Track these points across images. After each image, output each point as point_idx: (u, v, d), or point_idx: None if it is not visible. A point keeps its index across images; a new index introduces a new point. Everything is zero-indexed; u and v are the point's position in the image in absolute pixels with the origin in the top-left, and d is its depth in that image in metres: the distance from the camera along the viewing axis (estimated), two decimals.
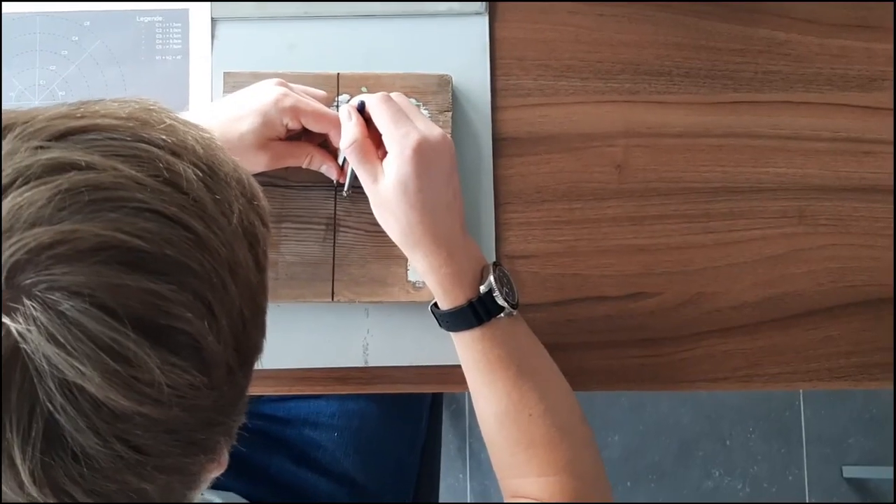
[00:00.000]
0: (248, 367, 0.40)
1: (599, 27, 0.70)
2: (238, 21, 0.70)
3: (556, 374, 0.61)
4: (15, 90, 0.69)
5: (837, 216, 0.69)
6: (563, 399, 0.60)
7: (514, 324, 0.59)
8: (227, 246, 0.37)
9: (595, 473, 0.60)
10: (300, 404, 0.79)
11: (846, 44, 0.71)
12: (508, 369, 0.58)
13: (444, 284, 0.59)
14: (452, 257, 0.58)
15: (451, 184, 0.59)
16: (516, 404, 0.58)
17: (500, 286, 0.58)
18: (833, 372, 0.68)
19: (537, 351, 0.61)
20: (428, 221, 0.58)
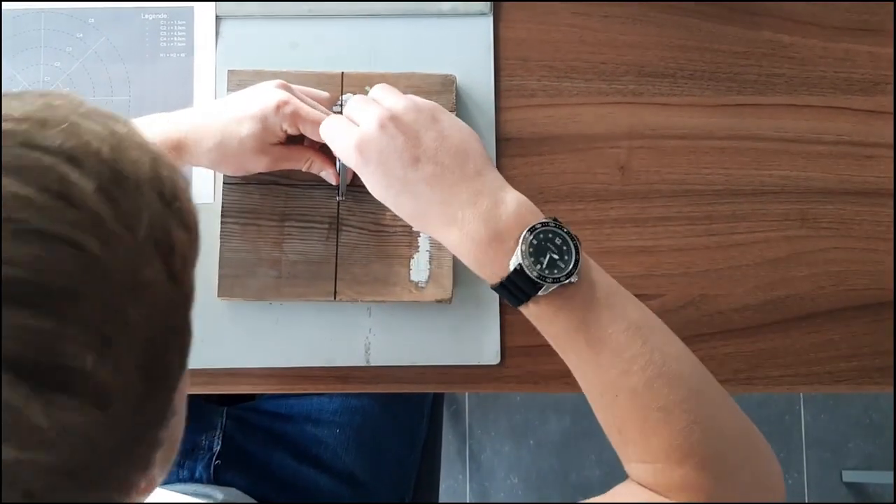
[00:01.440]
0: (163, 390, 0.36)
1: (604, 29, 0.71)
2: (242, 19, 0.70)
3: (650, 339, 0.51)
4: (19, 86, 0.69)
5: (839, 219, 0.69)
6: (663, 370, 0.50)
7: (576, 291, 0.51)
8: (131, 264, 0.33)
9: (732, 459, 0.50)
10: (302, 401, 0.79)
11: (850, 47, 0.71)
12: (577, 344, 0.51)
13: (474, 263, 0.53)
14: (464, 232, 0.52)
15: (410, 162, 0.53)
16: (601, 385, 0.51)
17: (531, 258, 0.50)
18: (834, 375, 0.68)
19: (618, 314, 0.51)
20: (410, 208, 0.54)
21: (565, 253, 0.50)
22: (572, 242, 0.51)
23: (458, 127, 0.55)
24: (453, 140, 0.54)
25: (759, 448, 0.52)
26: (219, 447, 0.76)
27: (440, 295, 0.65)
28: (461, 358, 0.67)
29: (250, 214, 0.66)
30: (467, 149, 0.54)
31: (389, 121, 0.54)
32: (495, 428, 1.45)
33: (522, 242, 0.50)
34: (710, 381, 0.52)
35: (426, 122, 0.54)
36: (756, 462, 0.51)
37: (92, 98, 0.69)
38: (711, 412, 0.51)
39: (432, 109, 0.55)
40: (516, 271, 0.50)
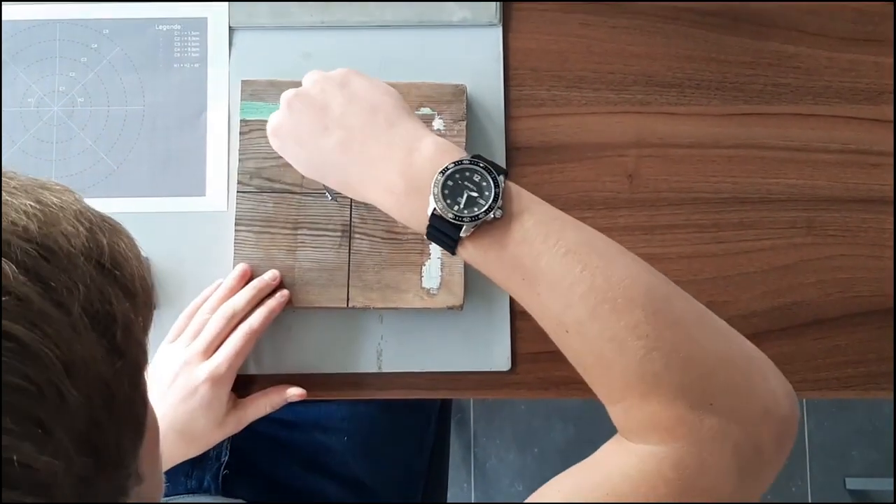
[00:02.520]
0: (116, 465, 0.35)
1: (611, 39, 0.71)
2: (255, 30, 0.71)
3: (590, 263, 0.47)
4: (35, 96, 0.70)
5: (846, 227, 0.70)
6: (608, 294, 0.46)
7: (503, 226, 0.48)
8: (64, 344, 0.31)
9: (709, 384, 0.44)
10: (309, 408, 0.80)
11: (855, 57, 0.72)
12: (514, 281, 0.49)
13: (400, 217, 0.52)
14: (384, 187, 0.51)
15: (321, 132, 0.54)
16: (549, 321, 0.49)
17: (447, 200, 0.48)
18: (841, 381, 0.69)
19: (552, 243, 0.47)
20: (334, 178, 0.55)
21: (485, 189, 0.48)
22: (490, 177, 0.49)
23: (367, 86, 0.55)
24: (360, 99, 0.54)
25: (747, 365, 0.46)
26: (227, 457, 0.76)
27: (451, 302, 0.66)
28: (472, 364, 0.67)
29: (263, 223, 0.66)
30: (376, 104, 0.54)
31: (295, 98, 0.56)
32: (500, 436, 1.45)
33: (434, 186, 0.49)
34: (672, 299, 0.47)
35: (332, 91, 0.55)
36: (745, 381, 0.45)
37: (107, 108, 0.70)
38: (675, 334, 0.45)
39: (342, 76, 0.56)
40: (434, 215, 0.49)
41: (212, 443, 0.65)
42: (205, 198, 0.69)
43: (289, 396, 0.66)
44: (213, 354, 0.63)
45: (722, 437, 0.44)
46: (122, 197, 0.69)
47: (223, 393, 0.63)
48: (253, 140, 0.67)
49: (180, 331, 0.65)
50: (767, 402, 0.45)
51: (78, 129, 0.70)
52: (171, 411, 0.62)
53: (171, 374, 0.63)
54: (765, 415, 0.45)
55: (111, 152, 0.69)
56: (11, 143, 0.69)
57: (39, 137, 0.69)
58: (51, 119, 0.70)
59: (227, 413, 0.64)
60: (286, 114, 0.56)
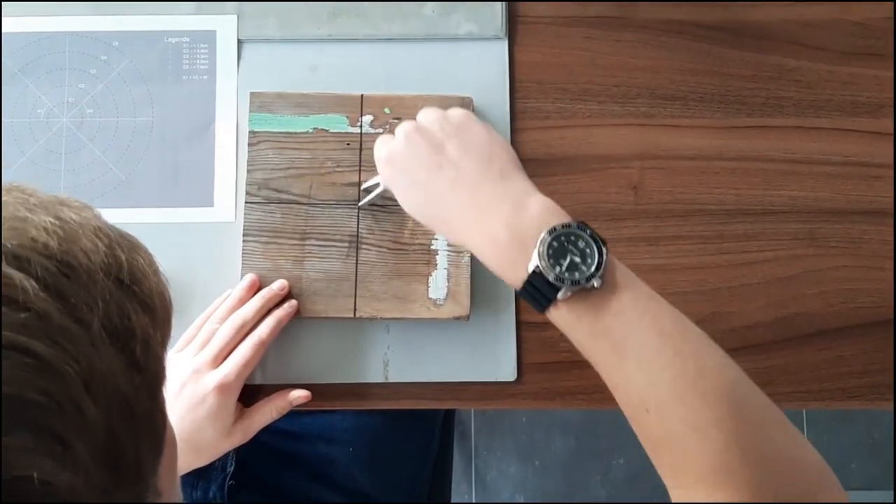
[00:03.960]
0: (135, 479, 0.35)
1: (616, 52, 0.72)
2: (264, 42, 0.72)
3: (683, 349, 0.48)
4: (44, 107, 0.70)
5: (848, 238, 0.71)
6: (697, 384, 0.46)
7: (600, 295, 0.48)
8: (83, 359, 0.31)
9: (777, 483, 0.45)
10: (314, 419, 0.80)
11: (855, 71, 0.73)
12: (602, 351, 0.48)
13: (496, 268, 0.52)
14: (486, 236, 0.51)
15: (434, 168, 0.54)
16: (628, 397, 0.48)
17: (550, 259, 0.48)
18: (846, 391, 0.69)
19: (647, 321, 0.48)
20: (433, 214, 0.55)
21: (588, 256, 0.49)
22: (595, 245, 0.49)
23: (485, 133, 0.56)
24: (477, 146, 0.55)
25: (818, 475, 0.47)
26: (232, 468, 0.76)
27: (458, 312, 0.66)
28: (478, 374, 0.68)
29: (271, 233, 0.67)
30: (491, 154, 0.54)
31: (414, 131, 0.56)
32: (501, 448, 1.45)
33: (540, 244, 0.49)
34: (753, 398, 0.48)
35: (451, 130, 0.55)
36: (813, 489, 0.46)
37: (116, 119, 0.70)
38: (753, 432, 0.46)
39: (461, 117, 0.56)
40: (535, 273, 0.49)
41: (219, 453, 0.65)
42: (213, 208, 0.69)
43: (293, 399, 0.66)
44: (221, 364, 0.63)
45: None
46: (131, 207, 0.69)
47: (231, 402, 0.63)
48: (261, 151, 0.68)
49: (189, 340, 0.65)
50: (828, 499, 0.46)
51: (87, 139, 0.70)
52: (178, 421, 0.62)
53: (179, 383, 0.63)
54: None
55: (120, 163, 0.70)
56: (21, 153, 0.70)
57: (49, 148, 0.70)
58: (60, 130, 0.70)
59: (235, 423, 0.64)
60: (403, 144, 0.56)
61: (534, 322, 0.69)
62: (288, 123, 0.68)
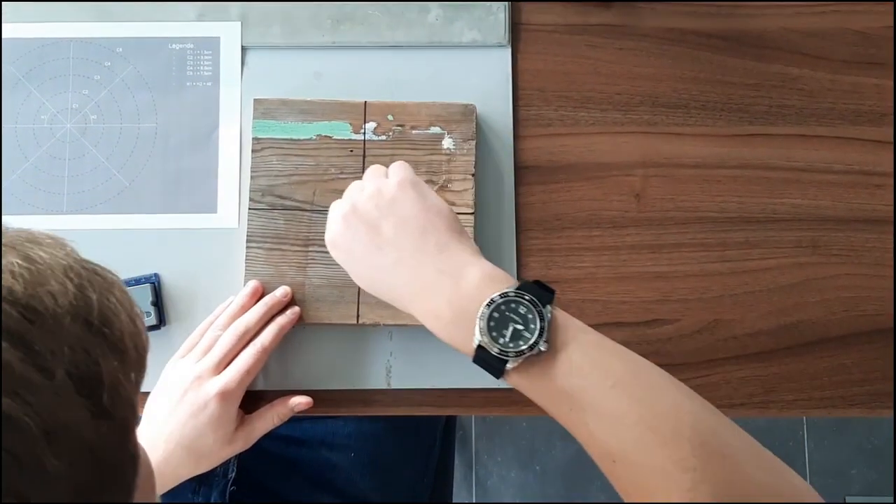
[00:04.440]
0: None
1: (618, 60, 0.73)
2: (268, 49, 0.72)
3: (637, 394, 0.47)
4: (48, 113, 0.71)
5: (850, 247, 0.71)
6: (655, 425, 0.46)
7: (549, 357, 0.49)
8: (45, 411, 0.30)
9: None
10: (316, 425, 0.80)
11: (857, 80, 0.73)
12: (561, 411, 0.49)
13: (447, 342, 0.53)
14: (431, 313, 0.53)
15: (374, 251, 0.55)
16: (595, 450, 0.48)
17: (492, 333, 0.49)
18: (847, 399, 0.69)
19: (600, 374, 0.48)
20: (384, 292, 0.57)
21: (530, 321, 0.49)
22: (536, 310, 0.49)
23: (420, 205, 0.56)
24: (412, 220, 0.55)
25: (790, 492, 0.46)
26: (234, 473, 0.76)
27: None
28: (481, 381, 0.68)
29: (274, 239, 0.67)
30: (427, 227, 0.55)
31: (352, 214, 0.57)
32: (502, 454, 1.45)
33: (480, 319, 0.49)
34: (720, 430, 0.47)
35: (385, 207, 0.56)
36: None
37: (119, 125, 0.71)
38: (723, 467, 0.45)
39: (394, 190, 0.57)
40: (480, 348, 0.49)
41: (220, 460, 0.65)
42: (216, 215, 0.69)
43: (294, 406, 0.66)
44: (223, 371, 0.63)
45: None
46: (134, 213, 0.69)
47: (232, 409, 0.63)
48: (265, 158, 0.68)
49: (191, 347, 0.66)
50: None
51: (91, 146, 0.70)
52: (179, 428, 0.62)
53: (181, 389, 0.63)
54: None
55: (123, 169, 0.70)
56: (24, 159, 0.70)
57: (52, 154, 0.70)
58: (64, 136, 0.70)
59: (236, 430, 0.64)
60: (342, 228, 0.57)
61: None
62: (291, 130, 0.68)
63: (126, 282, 0.67)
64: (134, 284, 0.67)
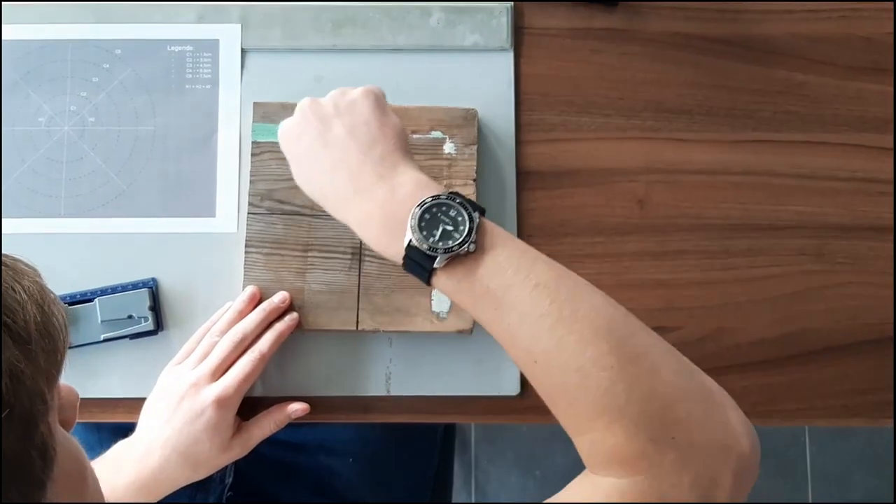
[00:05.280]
0: None
1: (622, 65, 0.72)
2: (268, 52, 0.71)
3: (559, 296, 0.48)
4: (45, 115, 0.70)
5: (854, 255, 0.70)
6: (575, 326, 0.47)
7: (476, 259, 0.50)
8: None
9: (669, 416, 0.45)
10: (315, 430, 0.79)
11: (862, 86, 0.72)
12: (486, 311, 0.50)
13: (377, 245, 0.54)
14: (364, 215, 0.54)
15: (321, 145, 0.56)
16: (517, 351, 0.50)
17: (423, 232, 0.50)
18: (849, 409, 0.69)
19: (523, 276, 0.49)
20: (316, 188, 0.57)
21: (460, 223, 0.51)
22: (466, 212, 0.51)
23: (375, 114, 0.57)
24: (363, 127, 0.56)
25: (708, 399, 0.47)
26: (231, 479, 0.76)
27: (461, 325, 0.66)
28: (481, 389, 0.67)
29: (273, 244, 0.66)
30: (377, 137, 0.56)
31: (309, 107, 0.58)
32: (502, 459, 1.44)
33: (412, 218, 0.51)
34: (637, 333, 0.48)
35: (343, 108, 0.57)
36: (705, 416, 0.46)
37: (118, 128, 0.70)
38: (637, 367, 0.46)
39: (356, 96, 0.58)
40: (410, 246, 0.51)
41: (217, 467, 0.65)
42: (214, 219, 0.69)
43: (292, 412, 0.66)
44: (220, 377, 0.63)
45: (681, 470, 0.44)
46: (132, 217, 0.69)
47: (229, 416, 0.62)
48: (264, 162, 0.67)
49: (188, 353, 0.65)
50: (727, 437, 0.46)
51: (88, 148, 0.70)
52: (175, 434, 0.62)
53: (178, 395, 0.62)
54: (724, 449, 0.45)
55: (121, 172, 0.69)
56: (21, 161, 0.69)
57: (50, 157, 0.69)
58: (61, 138, 0.70)
59: (233, 437, 0.64)
60: (298, 118, 0.58)
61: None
62: None
63: (123, 286, 0.67)
64: (131, 289, 0.66)
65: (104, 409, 0.67)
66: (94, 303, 0.65)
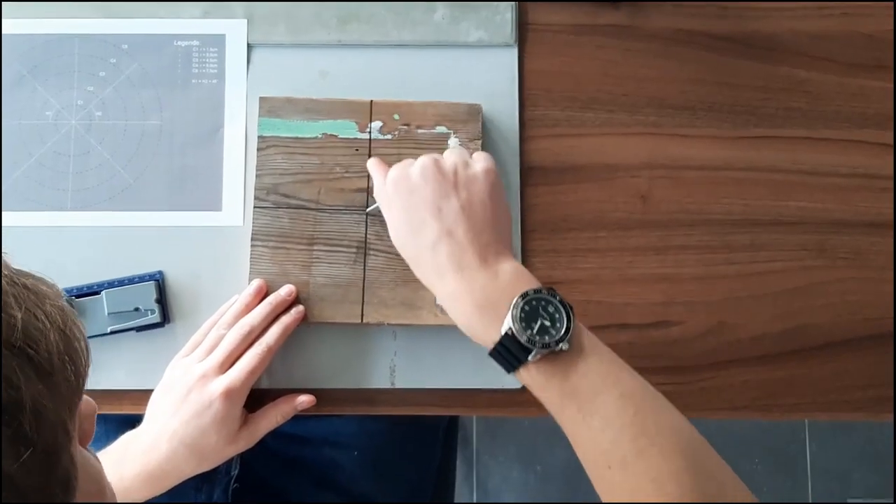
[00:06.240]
0: None
1: (625, 62, 0.72)
2: (273, 47, 0.72)
3: (643, 408, 0.50)
4: (53, 109, 0.70)
5: (856, 250, 0.71)
6: (657, 440, 0.49)
7: (567, 358, 0.51)
8: None
9: None
10: (320, 423, 0.80)
11: (864, 83, 0.73)
12: (569, 411, 0.51)
13: (468, 327, 0.54)
14: (462, 294, 0.54)
15: (433, 212, 0.56)
16: (594, 454, 0.50)
17: (522, 323, 0.51)
18: (851, 403, 0.69)
19: (611, 382, 0.51)
20: (413, 251, 0.57)
21: (557, 320, 0.51)
22: (564, 310, 0.52)
23: (495, 200, 0.57)
24: (479, 207, 0.56)
25: None
26: (237, 471, 0.76)
27: None
28: (485, 382, 0.68)
29: (279, 238, 0.67)
30: (489, 220, 0.56)
31: (432, 167, 0.58)
32: (503, 453, 1.45)
33: (514, 307, 0.51)
34: (706, 452, 0.51)
35: (465, 182, 0.57)
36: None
37: (124, 122, 0.70)
38: (706, 482, 0.49)
39: (480, 174, 0.58)
40: (507, 335, 0.51)
41: (223, 459, 0.65)
42: (221, 213, 0.69)
43: (298, 404, 0.66)
44: (228, 370, 0.63)
45: None
46: (139, 211, 0.69)
47: (236, 409, 0.63)
48: (270, 156, 0.68)
49: (195, 345, 0.65)
50: None
51: (95, 142, 0.70)
52: (182, 426, 0.62)
53: (185, 388, 0.63)
54: None
55: (128, 166, 0.70)
56: (28, 155, 0.70)
57: (57, 150, 0.70)
58: (68, 132, 0.70)
59: (239, 429, 0.64)
60: (417, 175, 0.58)
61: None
62: (297, 129, 0.68)
63: (130, 279, 0.67)
64: (138, 282, 0.67)
65: (111, 401, 0.68)
66: (101, 295, 0.66)
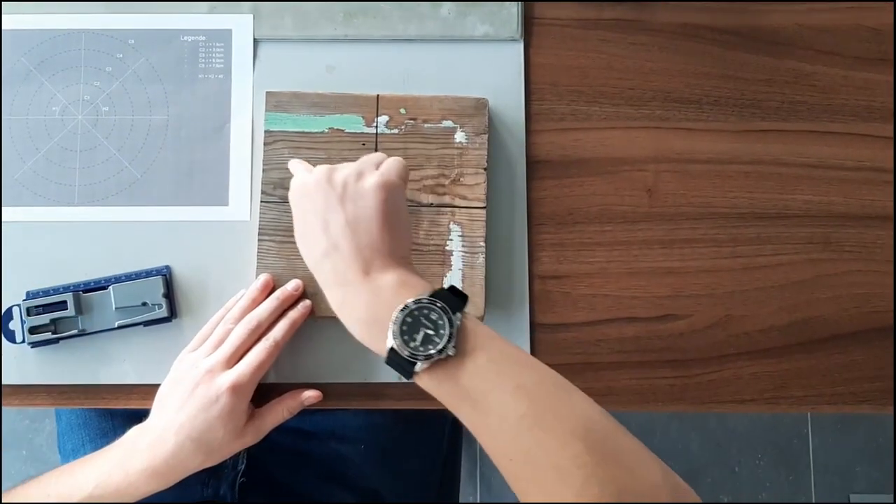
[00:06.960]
0: None
1: (631, 55, 0.72)
2: (280, 42, 0.72)
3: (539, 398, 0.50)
4: (59, 104, 0.70)
5: (862, 243, 0.71)
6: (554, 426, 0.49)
7: (456, 362, 0.51)
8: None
9: None
10: (326, 417, 0.80)
11: (869, 77, 0.73)
12: (464, 411, 0.51)
13: (361, 341, 0.54)
14: (349, 311, 0.55)
15: (323, 229, 0.56)
16: (495, 450, 0.51)
17: (404, 337, 0.51)
18: (857, 396, 0.69)
19: (504, 379, 0.50)
20: (310, 261, 0.58)
21: (440, 327, 0.51)
22: (447, 316, 0.51)
23: (381, 215, 0.56)
24: (364, 221, 0.56)
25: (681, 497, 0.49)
26: (243, 466, 0.76)
27: (472, 313, 0.66)
28: None
29: (286, 232, 0.67)
30: (374, 239, 0.56)
31: (325, 180, 0.58)
32: None
33: (394, 323, 0.52)
34: (613, 436, 0.50)
35: (352, 195, 0.56)
36: None
37: (131, 117, 0.70)
38: (611, 465, 0.48)
39: (369, 189, 0.57)
40: (392, 350, 0.52)
41: (229, 453, 0.65)
42: (227, 207, 0.69)
43: (305, 399, 0.66)
44: (235, 365, 0.63)
45: None
46: (146, 206, 0.69)
47: (243, 403, 0.63)
48: (277, 151, 0.68)
49: (203, 340, 0.66)
50: None
51: (102, 137, 0.70)
52: (189, 420, 0.62)
53: (193, 382, 0.63)
54: None
55: (135, 161, 0.70)
56: (35, 150, 0.70)
57: (63, 146, 0.70)
58: (75, 127, 0.70)
59: (246, 424, 0.64)
60: (312, 186, 0.58)
61: (547, 324, 0.69)
62: (303, 123, 0.68)
63: (137, 274, 0.67)
64: (145, 277, 0.67)
65: (118, 395, 0.68)
66: (109, 290, 0.66)
